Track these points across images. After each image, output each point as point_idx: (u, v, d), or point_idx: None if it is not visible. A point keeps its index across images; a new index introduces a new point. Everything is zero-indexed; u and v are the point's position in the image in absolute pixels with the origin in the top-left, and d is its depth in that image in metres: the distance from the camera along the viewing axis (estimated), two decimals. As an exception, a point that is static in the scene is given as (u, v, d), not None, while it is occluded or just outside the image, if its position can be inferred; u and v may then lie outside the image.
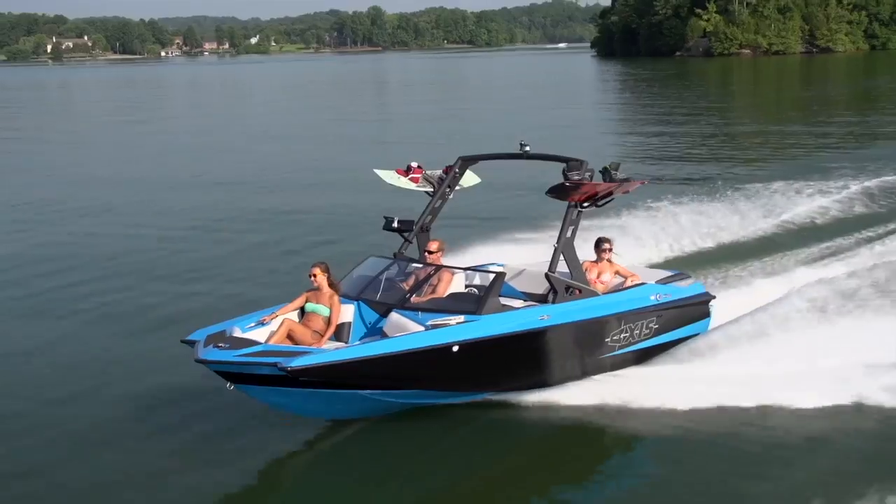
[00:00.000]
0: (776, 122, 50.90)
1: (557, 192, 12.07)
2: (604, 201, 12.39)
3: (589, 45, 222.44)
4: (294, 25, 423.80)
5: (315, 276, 12.06)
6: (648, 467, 11.04)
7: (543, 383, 12.16)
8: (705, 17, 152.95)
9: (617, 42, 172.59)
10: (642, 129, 48.45)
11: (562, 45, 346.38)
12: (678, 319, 13.26)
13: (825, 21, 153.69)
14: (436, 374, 11.31)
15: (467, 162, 13.82)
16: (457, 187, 13.86)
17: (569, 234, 12.18)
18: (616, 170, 12.30)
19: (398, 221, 13.46)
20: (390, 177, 13.77)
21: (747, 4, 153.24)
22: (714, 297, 13.84)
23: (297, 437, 11.61)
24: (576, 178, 12.00)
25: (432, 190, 13.75)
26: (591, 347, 12.40)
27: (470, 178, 14.16)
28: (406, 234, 13.47)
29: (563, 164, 12.26)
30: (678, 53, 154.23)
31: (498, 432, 11.73)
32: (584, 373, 12.47)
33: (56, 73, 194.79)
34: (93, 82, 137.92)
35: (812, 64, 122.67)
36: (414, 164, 13.75)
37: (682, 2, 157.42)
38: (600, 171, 12.31)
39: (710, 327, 13.65)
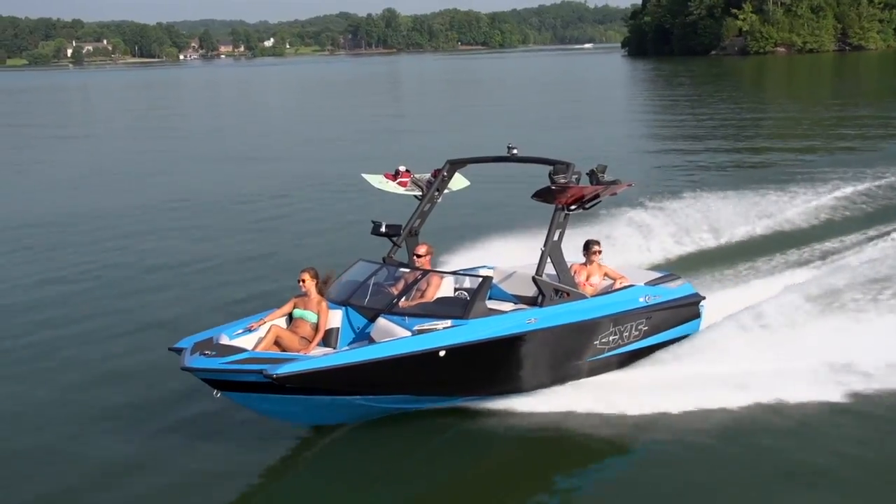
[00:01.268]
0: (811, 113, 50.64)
1: (544, 195, 12.04)
2: (591, 204, 12.34)
3: (616, 45, 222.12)
4: (305, 28, 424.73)
5: (304, 281, 12.08)
6: (637, 469, 11.00)
7: (533, 387, 12.11)
8: (741, 16, 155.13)
9: (649, 42, 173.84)
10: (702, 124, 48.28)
11: (588, 45, 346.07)
12: (668, 321, 13.19)
13: (857, 19, 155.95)
14: (423, 380, 11.29)
15: (455, 165, 13.81)
16: (445, 190, 13.86)
17: (556, 237, 12.15)
18: (603, 172, 12.27)
19: (386, 226, 13.46)
20: (378, 181, 13.75)
21: (781, 4, 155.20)
22: (704, 298, 13.76)
23: (283, 443, 11.63)
24: (562, 181, 11.97)
25: (421, 194, 13.74)
26: (580, 350, 12.35)
27: (458, 182, 14.14)
28: (395, 239, 13.47)
29: (550, 168, 12.23)
30: (713, 52, 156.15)
31: (483, 436, 11.70)
32: (574, 375, 12.42)
33: (83, 77, 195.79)
34: (131, 86, 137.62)
35: (846, 61, 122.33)
36: (402, 168, 13.72)
37: (716, 2, 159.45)
38: (587, 174, 12.28)
39: (700, 328, 13.59)
